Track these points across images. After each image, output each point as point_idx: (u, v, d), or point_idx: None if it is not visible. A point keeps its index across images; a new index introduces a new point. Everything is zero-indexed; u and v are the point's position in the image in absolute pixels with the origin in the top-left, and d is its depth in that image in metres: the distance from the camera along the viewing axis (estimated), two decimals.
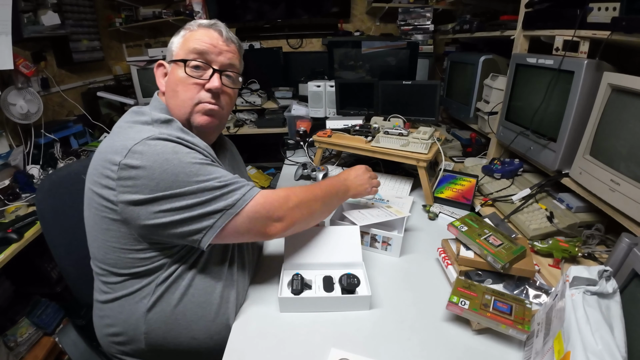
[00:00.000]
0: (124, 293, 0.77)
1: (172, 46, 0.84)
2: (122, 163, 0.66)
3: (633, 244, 0.73)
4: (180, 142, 0.71)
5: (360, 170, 1.04)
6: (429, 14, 2.27)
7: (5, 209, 1.43)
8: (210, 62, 0.82)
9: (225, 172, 0.74)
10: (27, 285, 1.62)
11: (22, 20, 1.74)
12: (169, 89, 0.83)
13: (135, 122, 0.76)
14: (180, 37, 0.84)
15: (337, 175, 1.02)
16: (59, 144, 1.92)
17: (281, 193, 0.79)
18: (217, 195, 0.70)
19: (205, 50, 0.81)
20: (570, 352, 0.55)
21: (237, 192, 0.72)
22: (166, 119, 0.77)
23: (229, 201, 0.71)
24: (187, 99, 0.81)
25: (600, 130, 0.95)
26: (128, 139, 0.69)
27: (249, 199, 0.72)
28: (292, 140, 1.91)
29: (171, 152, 0.68)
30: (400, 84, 1.65)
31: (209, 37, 0.82)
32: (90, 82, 2.46)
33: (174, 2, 2.72)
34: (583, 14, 0.99)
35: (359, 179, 1.02)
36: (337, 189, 0.95)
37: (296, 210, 0.80)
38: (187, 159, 0.69)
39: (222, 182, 0.71)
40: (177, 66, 0.81)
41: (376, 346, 0.74)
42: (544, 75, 1.15)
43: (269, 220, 0.76)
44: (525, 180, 1.32)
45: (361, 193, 1.02)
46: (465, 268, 0.90)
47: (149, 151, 0.67)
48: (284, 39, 2.87)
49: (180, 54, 0.82)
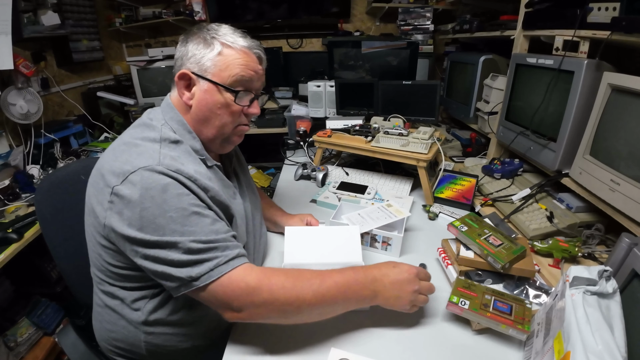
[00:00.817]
0: (120, 303, 0.77)
1: (202, 60, 0.75)
2: (115, 188, 0.65)
3: (633, 244, 0.73)
4: (177, 178, 0.66)
5: (405, 274, 0.74)
6: (429, 14, 2.27)
7: (5, 209, 1.43)
8: (251, 89, 0.80)
9: (208, 228, 0.67)
10: (27, 285, 1.62)
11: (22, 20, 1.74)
12: (204, 109, 0.77)
13: (143, 139, 0.72)
14: (216, 54, 0.75)
15: (368, 269, 0.75)
16: (59, 144, 1.92)
17: (254, 282, 0.66)
18: (184, 260, 0.64)
19: (251, 79, 0.78)
20: (570, 352, 0.55)
21: (206, 263, 0.65)
22: (175, 140, 0.74)
23: (194, 272, 0.64)
24: (228, 123, 0.79)
25: (600, 130, 0.95)
26: (128, 162, 0.67)
27: (215, 277, 0.65)
28: (292, 140, 1.91)
29: (160, 190, 0.64)
30: (400, 84, 1.65)
31: (252, 62, 0.78)
32: (90, 82, 2.46)
33: (174, 2, 2.72)
34: (583, 14, 0.98)
35: (397, 287, 0.73)
36: (355, 292, 0.72)
37: (261, 309, 0.67)
38: (172, 202, 0.64)
39: (196, 245, 0.64)
40: (217, 89, 0.76)
41: (376, 346, 0.74)
42: (544, 75, 1.15)
43: (225, 307, 0.68)
44: (525, 180, 1.32)
45: (392, 308, 0.75)
46: (465, 268, 0.90)
47: (140, 183, 0.64)
48: (284, 39, 2.87)
49: (224, 77, 0.75)
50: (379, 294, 0.73)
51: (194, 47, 0.76)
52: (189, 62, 0.76)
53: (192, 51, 0.76)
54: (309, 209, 1.34)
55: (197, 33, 0.77)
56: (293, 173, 1.60)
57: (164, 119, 0.77)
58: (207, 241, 0.65)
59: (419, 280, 0.75)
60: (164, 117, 0.78)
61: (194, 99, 0.77)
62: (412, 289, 0.73)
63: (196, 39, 0.77)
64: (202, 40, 0.76)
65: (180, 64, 0.78)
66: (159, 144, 0.71)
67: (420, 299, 0.75)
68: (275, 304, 0.66)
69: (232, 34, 0.77)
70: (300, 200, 1.39)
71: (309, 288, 0.68)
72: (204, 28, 0.78)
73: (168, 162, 0.67)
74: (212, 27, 0.78)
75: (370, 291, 0.73)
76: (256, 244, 0.94)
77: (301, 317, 0.71)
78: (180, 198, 0.65)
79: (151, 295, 0.76)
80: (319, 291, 0.68)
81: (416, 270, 0.76)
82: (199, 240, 0.65)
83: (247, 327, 0.79)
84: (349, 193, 1.38)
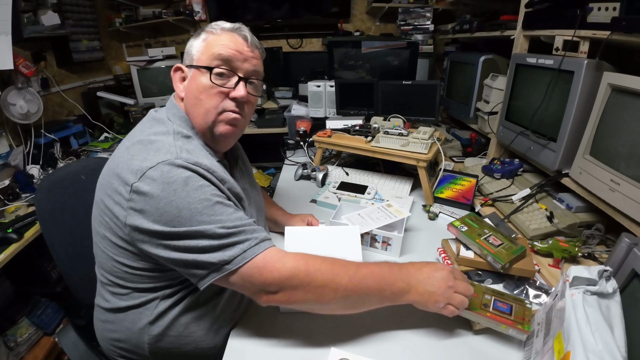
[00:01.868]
0: (128, 304, 0.77)
1: (191, 49, 0.79)
2: (134, 185, 0.64)
3: (633, 244, 0.73)
4: (197, 170, 0.67)
5: (440, 272, 0.73)
6: (429, 14, 2.27)
7: (5, 209, 1.43)
8: (235, 70, 0.77)
9: (233, 216, 0.67)
10: (27, 285, 1.61)
11: (22, 20, 1.74)
12: (190, 96, 0.77)
13: (156, 133, 0.72)
14: (201, 41, 0.78)
15: (404, 265, 0.75)
16: (59, 144, 1.92)
17: (291, 263, 0.66)
18: (215, 245, 0.64)
19: (231, 57, 0.76)
20: (570, 352, 0.55)
21: (238, 245, 0.65)
22: (187, 135, 0.74)
23: (226, 255, 0.64)
24: (211, 108, 0.76)
25: (600, 130, 0.95)
26: (146, 159, 0.66)
27: (249, 258, 0.65)
28: (292, 140, 1.91)
29: (182, 184, 0.64)
30: (400, 84, 1.65)
31: (234, 42, 0.76)
32: (90, 82, 2.46)
33: (174, 2, 2.72)
34: (583, 14, 0.98)
35: (431, 282, 0.72)
36: (390, 284, 0.71)
37: (299, 292, 0.66)
38: (195, 194, 0.64)
39: (225, 230, 0.64)
40: (199, 72, 0.76)
41: (376, 346, 0.74)
42: (544, 75, 1.15)
43: (261, 290, 0.67)
44: (525, 180, 1.32)
45: (426, 306, 0.72)
46: (465, 268, 0.90)
47: (160, 178, 0.64)
48: (284, 39, 2.87)
49: (203, 59, 0.76)
50: (412, 288, 0.72)
51: (189, 44, 0.80)
52: (185, 59, 0.81)
53: (187, 48, 0.80)
54: (309, 209, 1.34)
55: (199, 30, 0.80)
56: (293, 173, 1.60)
57: (168, 115, 0.78)
58: (234, 226, 0.66)
59: (454, 278, 0.73)
60: (167, 114, 0.78)
61: (186, 91, 0.79)
62: (446, 285, 0.71)
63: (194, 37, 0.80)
64: (195, 37, 0.80)
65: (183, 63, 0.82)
66: (172, 136, 0.72)
67: (456, 298, 0.71)
68: (312, 286, 0.66)
69: (221, 23, 0.79)
70: (300, 200, 1.39)
71: (345, 273, 0.68)
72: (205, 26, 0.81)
73: (186, 155, 0.68)
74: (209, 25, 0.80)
75: (405, 284, 0.72)
76: None
77: (336, 305, 0.70)
78: (202, 189, 0.66)
79: (162, 297, 0.76)
80: (355, 277, 0.68)
81: (451, 268, 0.75)
82: (227, 226, 0.65)
83: (248, 326, 0.80)
84: (349, 193, 1.38)
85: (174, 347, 0.78)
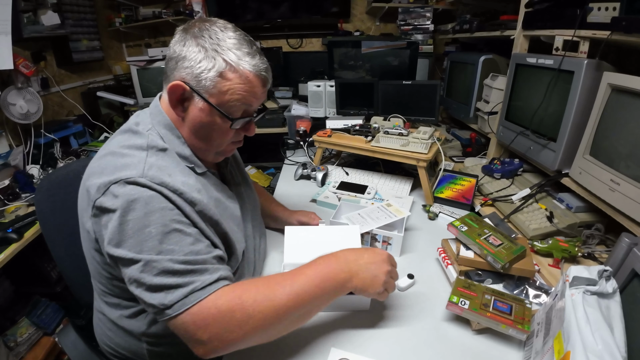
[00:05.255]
0: (122, 314, 0.77)
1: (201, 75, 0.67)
2: (97, 201, 0.63)
3: (633, 244, 0.73)
4: (161, 191, 0.63)
5: (379, 256, 0.73)
6: (429, 13, 2.27)
7: (5, 208, 1.43)
8: (250, 114, 0.75)
9: (188, 248, 0.62)
10: (27, 285, 1.62)
11: (22, 20, 1.74)
12: (198, 127, 0.72)
13: (130, 147, 0.68)
14: (217, 74, 0.67)
15: (341, 254, 0.72)
16: (59, 144, 1.92)
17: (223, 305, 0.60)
18: (157, 284, 0.59)
19: (251, 105, 0.73)
20: (570, 352, 0.55)
21: (181, 289, 0.59)
22: (163, 148, 0.70)
23: (167, 299, 0.59)
24: (220, 144, 0.76)
25: (600, 130, 0.95)
26: (112, 173, 0.63)
27: (190, 305, 0.59)
28: (292, 140, 1.91)
29: (142, 203, 0.61)
30: (400, 84, 1.65)
31: (257, 88, 0.71)
32: (90, 82, 2.46)
33: (174, 2, 2.72)
34: (583, 13, 0.98)
35: (374, 267, 0.71)
36: (331, 279, 0.68)
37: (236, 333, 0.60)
38: (153, 217, 0.60)
39: (173, 266, 0.59)
40: (214, 110, 0.70)
41: (376, 346, 0.74)
42: (543, 75, 1.15)
43: (195, 340, 0.60)
44: (525, 180, 1.32)
45: (367, 291, 0.71)
46: (465, 268, 0.90)
47: (122, 195, 0.61)
48: (284, 39, 2.87)
49: (223, 101, 0.69)
50: (354, 275, 0.69)
51: (192, 54, 0.67)
52: (184, 70, 0.68)
53: (189, 58, 0.67)
54: (309, 208, 1.33)
55: (197, 36, 0.68)
56: (293, 173, 1.60)
57: (152, 122, 0.73)
58: (185, 261, 0.60)
59: (391, 264, 0.74)
60: (152, 121, 0.73)
61: (187, 113, 0.72)
62: (387, 269, 0.72)
63: (195, 43, 0.67)
64: (201, 50, 0.67)
65: (173, 67, 0.69)
66: (145, 151, 0.67)
67: (391, 283, 0.73)
68: (251, 321, 0.60)
69: (237, 49, 0.68)
70: (300, 200, 1.39)
71: (282, 292, 0.63)
72: (205, 30, 0.68)
73: (153, 173, 0.64)
74: (214, 32, 0.68)
75: (346, 273, 0.69)
76: (256, 245, 0.94)
77: (284, 326, 0.65)
78: (162, 212, 0.61)
79: None
80: (293, 291, 0.63)
81: (388, 254, 0.75)
82: (176, 260, 0.60)
83: None
84: (349, 193, 1.38)
85: (174, 350, 0.78)
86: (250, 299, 0.61)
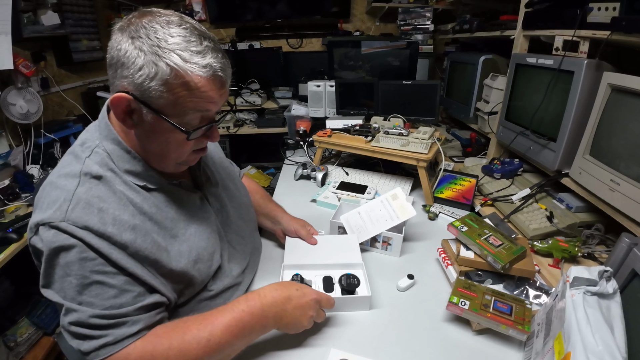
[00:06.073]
0: None
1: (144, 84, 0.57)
2: (31, 240, 0.62)
3: (633, 244, 0.73)
4: (82, 238, 0.58)
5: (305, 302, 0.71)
6: (429, 13, 2.27)
7: (5, 208, 1.43)
8: (209, 120, 0.67)
9: (109, 302, 0.59)
10: (27, 285, 1.61)
11: (22, 20, 1.73)
12: (152, 141, 0.65)
13: (65, 176, 0.63)
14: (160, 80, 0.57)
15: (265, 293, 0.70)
16: (59, 144, 1.91)
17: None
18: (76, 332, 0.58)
19: (209, 111, 0.64)
20: (570, 353, 0.55)
21: (94, 340, 0.58)
22: (98, 175, 0.64)
23: (83, 347, 0.58)
24: (180, 156, 0.69)
25: (600, 130, 0.95)
26: (43, 210, 0.60)
27: (101, 357, 0.58)
28: (292, 140, 1.91)
29: (63, 253, 0.58)
30: (400, 84, 1.65)
31: (213, 91, 0.61)
32: (90, 82, 2.45)
33: (174, 2, 2.72)
34: (583, 14, 0.98)
35: (297, 313, 0.70)
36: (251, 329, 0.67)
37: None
38: (74, 267, 0.58)
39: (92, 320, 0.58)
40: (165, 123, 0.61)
41: (376, 346, 0.74)
42: (543, 75, 1.15)
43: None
44: (525, 180, 1.32)
45: (288, 332, 0.72)
46: (465, 268, 0.90)
47: (46, 241, 0.58)
48: (284, 39, 2.87)
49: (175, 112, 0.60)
50: (278, 320, 0.69)
51: (130, 60, 0.57)
52: (124, 79, 0.59)
53: (127, 65, 0.57)
54: (309, 208, 1.34)
55: (133, 36, 0.57)
56: (293, 173, 1.60)
57: (99, 137, 0.67)
58: (102, 316, 0.58)
59: (317, 308, 0.73)
60: (100, 136, 0.68)
61: (136, 126, 0.64)
62: (310, 315, 0.72)
63: (132, 47, 0.57)
64: (140, 53, 0.56)
65: (114, 76, 0.61)
66: (78, 179, 0.62)
67: (321, 315, 0.75)
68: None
69: (183, 49, 0.57)
70: (300, 200, 1.39)
71: (196, 346, 0.61)
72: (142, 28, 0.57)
73: (77, 214, 0.58)
74: (153, 31, 0.57)
75: (269, 319, 0.68)
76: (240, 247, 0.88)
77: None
78: (81, 264, 0.58)
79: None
80: (209, 344, 0.62)
81: (316, 297, 0.73)
82: (94, 314, 0.58)
83: None
84: (348, 193, 1.38)
85: None
86: (163, 350, 0.60)
